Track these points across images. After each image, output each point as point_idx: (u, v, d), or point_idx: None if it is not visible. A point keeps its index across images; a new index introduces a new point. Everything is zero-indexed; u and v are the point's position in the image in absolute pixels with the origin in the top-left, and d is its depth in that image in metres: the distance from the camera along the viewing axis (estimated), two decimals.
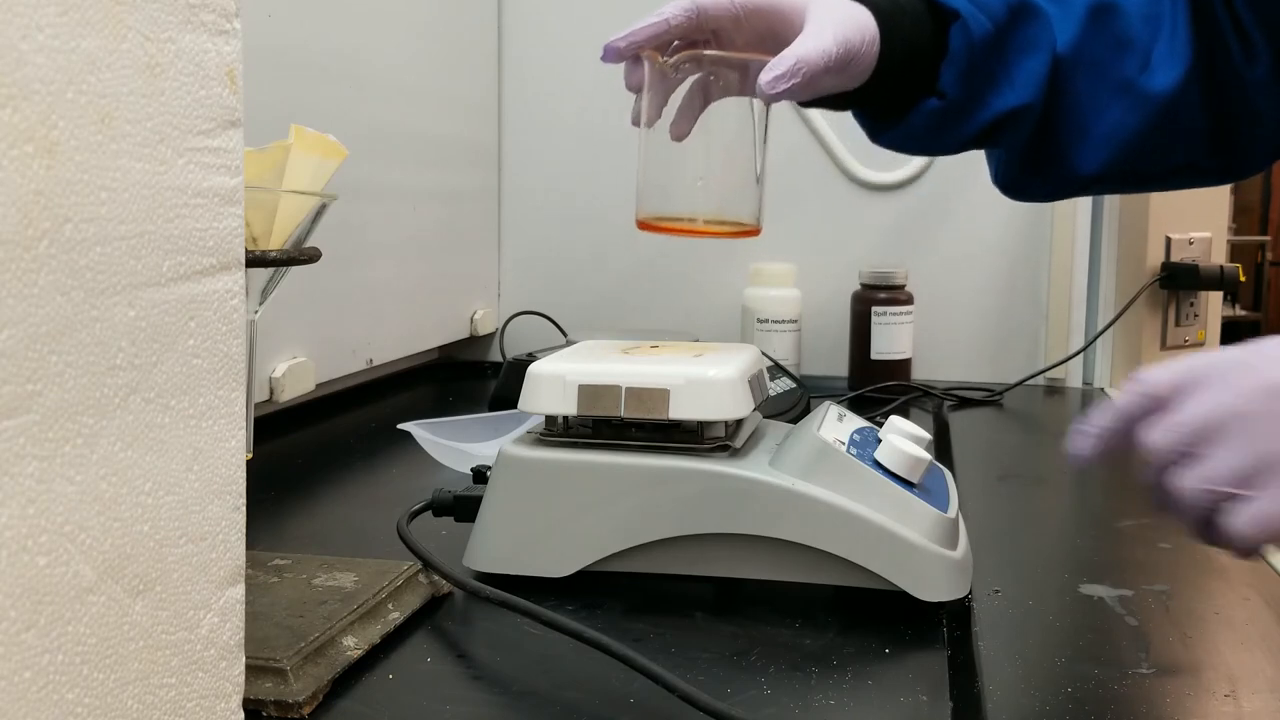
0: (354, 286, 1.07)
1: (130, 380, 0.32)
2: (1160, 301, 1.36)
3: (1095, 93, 0.70)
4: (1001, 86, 0.69)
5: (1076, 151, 0.72)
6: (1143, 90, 0.70)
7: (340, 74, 1.03)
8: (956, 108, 0.68)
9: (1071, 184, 0.76)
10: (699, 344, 0.72)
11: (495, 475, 0.61)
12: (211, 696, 0.37)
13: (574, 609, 0.56)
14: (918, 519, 0.55)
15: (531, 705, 0.46)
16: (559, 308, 1.41)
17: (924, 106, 0.68)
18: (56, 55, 0.29)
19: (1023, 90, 0.69)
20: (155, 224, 0.33)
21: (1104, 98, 0.70)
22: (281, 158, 0.51)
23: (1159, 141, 0.71)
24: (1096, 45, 0.70)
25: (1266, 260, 4.64)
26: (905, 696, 0.47)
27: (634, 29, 0.65)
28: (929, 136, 0.70)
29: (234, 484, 0.37)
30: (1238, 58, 0.70)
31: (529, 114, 1.44)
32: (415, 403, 1.20)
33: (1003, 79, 0.69)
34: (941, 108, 0.68)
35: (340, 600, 0.52)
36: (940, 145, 0.72)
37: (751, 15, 0.65)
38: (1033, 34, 0.69)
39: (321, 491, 0.83)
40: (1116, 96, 0.70)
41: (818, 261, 1.35)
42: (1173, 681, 0.48)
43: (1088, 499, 0.87)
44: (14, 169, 0.27)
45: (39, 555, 0.29)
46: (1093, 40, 0.70)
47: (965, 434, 1.05)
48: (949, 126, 0.69)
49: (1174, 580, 0.62)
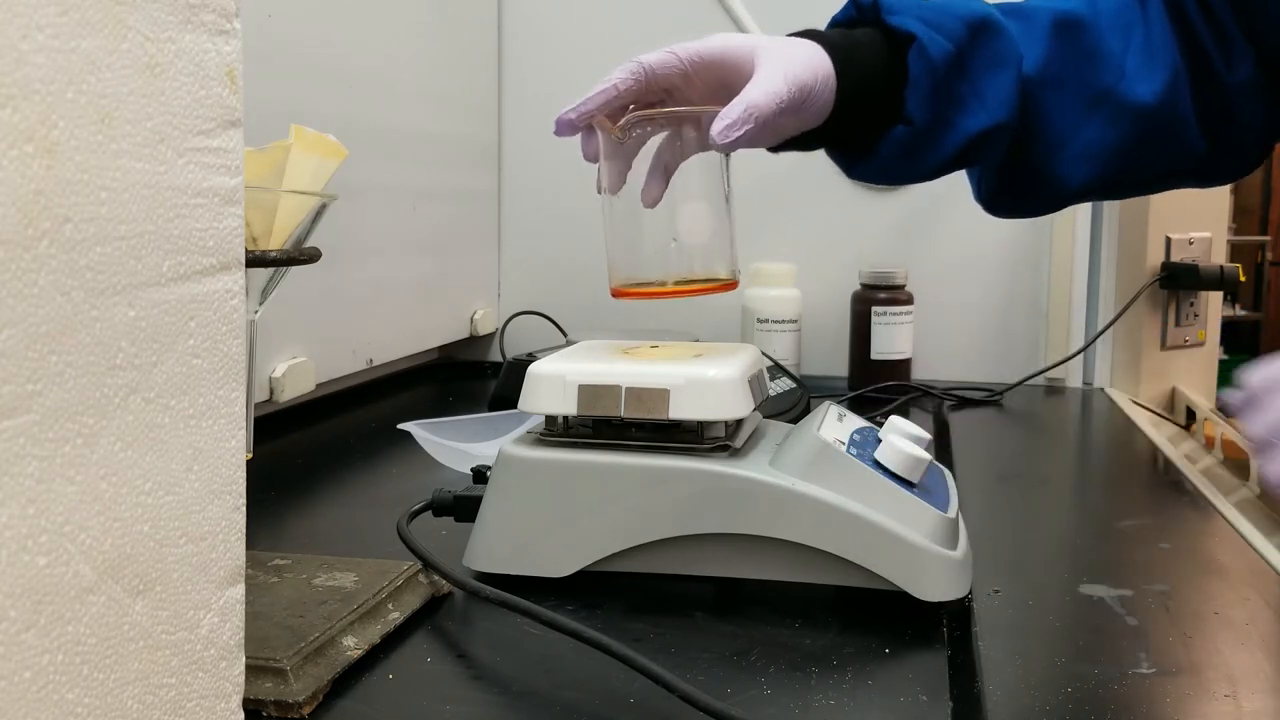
0: (354, 286, 1.07)
1: (130, 380, 0.32)
2: (1160, 301, 1.36)
3: (1069, 107, 0.69)
4: (970, 107, 0.67)
5: (1058, 167, 0.71)
6: (1122, 100, 0.69)
7: (340, 74, 1.03)
8: (925, 133, 0.67)
9: (1055, 200, 0.75)
10: (699, 344, 0.72)
11: (495, 475, 0.61)
12: (211, 696, 0.37)
13: (574, 609, 0.56)
14: (918, 519, 0.55)
15: (531, 705, 0.46)
16: (559, 308, 1.41)
17: (892, 135, 0.67)
18: (56, 55, 0.29)
19: (995, 110, 0.68)
20: (155, 224, 0.33)
21: (1080, 112, 0.69)
22: (281, 158, 0.51)
23: (1144, 151, 0.71)
24: (1065, 60, 0.69)
25: (1266, 260, 4.64)
26: (905, 696, 0.47)
27: (584, 99, 0.64)
28: (901, 165, 0.69)
29: (234, 484, 0.37)
30: (1218, 62, 0.69)
31: (529, 114, 1.44)
32: (415, 403, 1.20)
33: (971, 99, 0.67)
34: (910, 134, 0.67)
35: (340, 600, 0.52)
36: (914, 173, 0.71)
37: (701, 70, 0.64)
38: (996, 50, 0.68)
39: (321, 491, 0.83)
40: (1094, 110, 0.69)
41: (818, 261, 1.36)
42: (1173, 681, 0.48)
43: (1088, 499, 0.87)
44: (14, 169, 0.27)
45: (39, 555, 0.29)
46: (1060, 55, 0.69)
47: (965, 434, 1.05)
48: (921, 153, 0.68)
49: (1174, 580, 0.62)
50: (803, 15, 1.32)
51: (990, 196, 0.76)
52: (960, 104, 0.67)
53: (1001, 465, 0.95)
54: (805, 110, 0.64)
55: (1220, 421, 1.24)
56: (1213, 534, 0.73)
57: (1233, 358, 4.46)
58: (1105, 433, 1.15)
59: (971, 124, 0.67)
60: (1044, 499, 0.85)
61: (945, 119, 0.67)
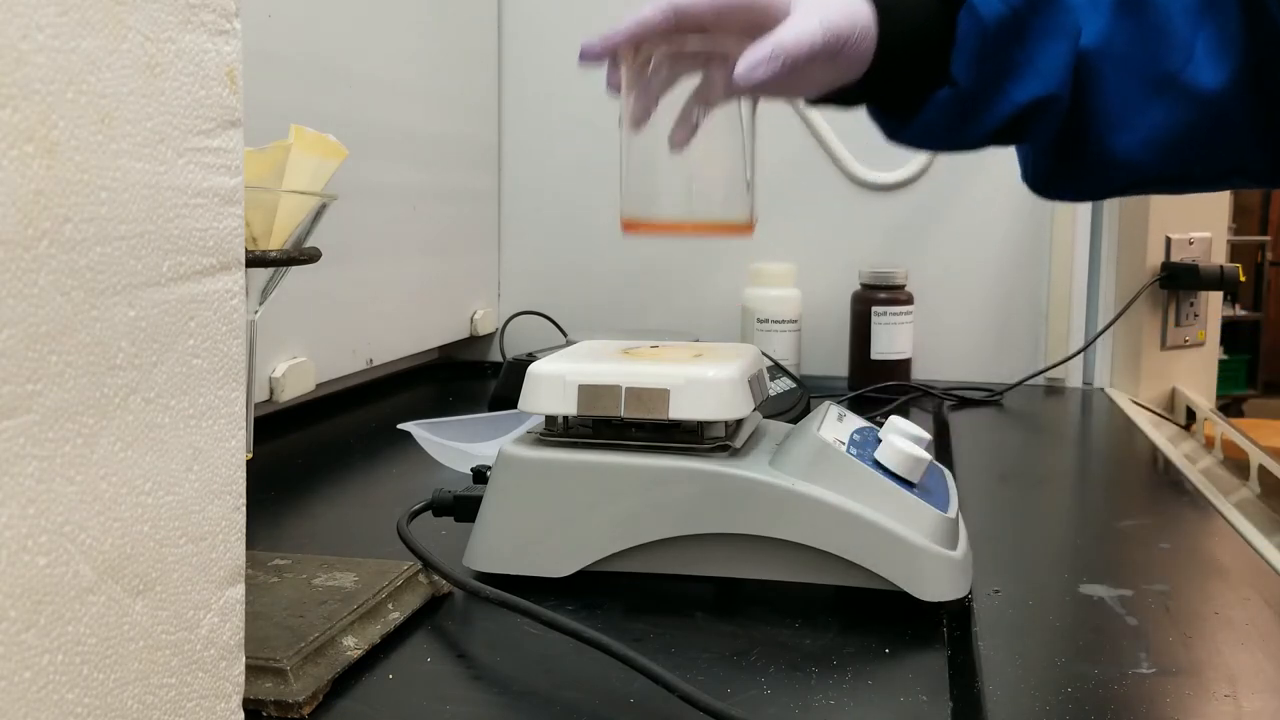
0: (354, 286, 1.07)
1: (130, 380, 0.32)
2: (1160, 301, 1.36)
3: (1131, 86, 0.65)
4: (1023, 74, 0.64)
5: (1115, 149, 0.67)
6: (1187, 86, 0.64)
7: (340, 74, 1.03)
8: (972, 97, 0.64)
9: (1110, 183, 0.71)
10: (699, 344, 0.72)
11: (495, 475, 0.61)
12: (211, 697, 0.37)
13: (574, 609, 0.56)
14: (918, 519, 0.55)
15: (531, 705, 0.46)
16: (559, 308, 1.41)
17: (937, 98, 0.64)
18: (56, 55, 0.29)
19: (1048, 79, 0.64)
20: (155, 224, 0.33)
21: (1142, 92, 0.65)
22: (281, 158, 0.51)
23: (1207, 141, 0.67)
24: (1129, 36, 0.65)
25: (1266, 260, 4.64)
26: (905, 696, 0.47)
27: (610, 31, 0.63)
28: (946, 131, 0.66)
29: (234, 484, 0.37)
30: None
31: (529, 114, 1.44)
32: (415, 403, 1.20)
33: (1024, 66, 0.64)
34: (955, 97, 0.64)
35: (340, 600, 0.52)
36: (960, 140, 0.68)
37: (733, 9, 0.62)
38: (1056, 19, 0.64)
39: (321, 491, 0.83)
40: (1158, 92, 0.65)
41: (818, 261, 1.36)
42: (1173, 682, 0.48)
43: (1088, 499, 0.87)
44: (14, 169, 0.27)
45: (39, 555, 0.29)
46: (1125, 30, 0.65)
47: (965, 434, 1.05)
48: (967, 119, 0.65)
49: (1174, 580, 0.62)
50: None
51: (1042, 177, 0.72)
52: (1012, 70, 0.64)
53: (1001, 465, 0.95)
54: (841, 60, 0.61)
55: (1220, 421, 1.24)
56: (1213, 534, 0.73)
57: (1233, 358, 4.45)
58: (1105, 433, 1.15)
59: (1022, 93, 0.64)
60: (1044, 499, 0.85)
61: (994, 85, 0.64)
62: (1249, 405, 4.16)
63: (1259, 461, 1.08)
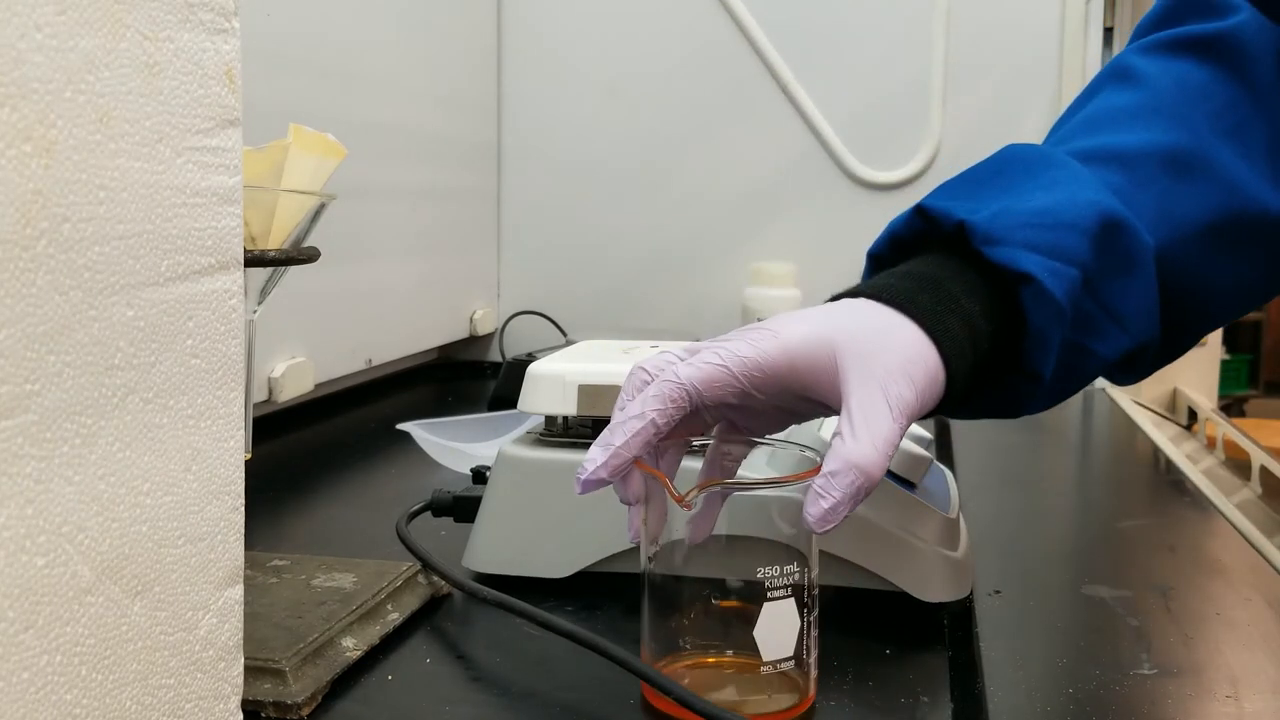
0: (353, 286, 1.07)
1: (128, 380, 0.32)
2: None
3: (1203, 255, 0.56)
4: (1106, 331, 0.53)
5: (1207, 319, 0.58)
6: (1254, 219, 0.56)
7: (339, 73, 1.03)
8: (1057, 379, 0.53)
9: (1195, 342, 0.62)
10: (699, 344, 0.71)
11: (495, 475, 0.61)
12: (210, 697, 0.37)
13: (573, 610, 0.56)
14: (918, 520, 0.55)
15: (531, 706, 0.46)
16: (559, 308, 1.41)
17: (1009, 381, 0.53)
18: (55, 54, 0.29)
19: (1137, 331, 0.54)
20: (153, 223, 0.33)
21: (1215, 252, 0.56)
22: (280, 157, 0.51)
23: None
24: (1189, 206, 0.55)
25: None
26: (906, 697, 0.47)
27: (614, 448, 0.46)
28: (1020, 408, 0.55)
29: (232, 484, 0.37)
30: None
31: (529, 114, 1.44)
32: (415, 403, 1.20)
33: (1105, 323, 0.53)
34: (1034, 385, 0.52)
35: (339, 601, 0.52)
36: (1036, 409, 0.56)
37: (764, 384, 0.48)
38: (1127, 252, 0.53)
39: (321, 491, 0.83)
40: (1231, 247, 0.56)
41: (818, 261, 1.35)
42: (1174, 682, 0.48)
43: (1088, 499, 0.87)
44: (12, 168, 0.27)
45: (37, 556, 0.29)
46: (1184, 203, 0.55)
47: (965, 434, 1.05)
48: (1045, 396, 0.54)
49: (1175, 581, 0.62)
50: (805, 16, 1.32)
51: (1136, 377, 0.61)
52: (1092, 328, 0.53)
53: (1002, 466, 0.95)
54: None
55: (1222, 422, 1.24)
56: (1214, 534, 0.73)
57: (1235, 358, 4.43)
58: (1106, 433, 1.15)
59: (1110, 350, 0.53)
60: (1045, 499, 0.85)
61: (1077, 349, 0.53)
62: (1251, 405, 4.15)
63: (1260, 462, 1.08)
